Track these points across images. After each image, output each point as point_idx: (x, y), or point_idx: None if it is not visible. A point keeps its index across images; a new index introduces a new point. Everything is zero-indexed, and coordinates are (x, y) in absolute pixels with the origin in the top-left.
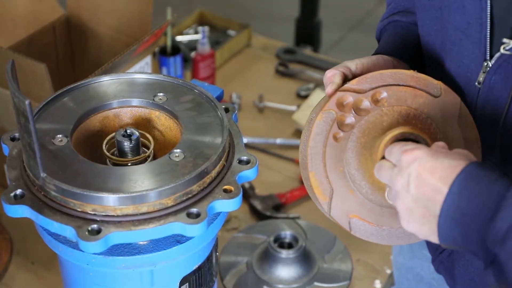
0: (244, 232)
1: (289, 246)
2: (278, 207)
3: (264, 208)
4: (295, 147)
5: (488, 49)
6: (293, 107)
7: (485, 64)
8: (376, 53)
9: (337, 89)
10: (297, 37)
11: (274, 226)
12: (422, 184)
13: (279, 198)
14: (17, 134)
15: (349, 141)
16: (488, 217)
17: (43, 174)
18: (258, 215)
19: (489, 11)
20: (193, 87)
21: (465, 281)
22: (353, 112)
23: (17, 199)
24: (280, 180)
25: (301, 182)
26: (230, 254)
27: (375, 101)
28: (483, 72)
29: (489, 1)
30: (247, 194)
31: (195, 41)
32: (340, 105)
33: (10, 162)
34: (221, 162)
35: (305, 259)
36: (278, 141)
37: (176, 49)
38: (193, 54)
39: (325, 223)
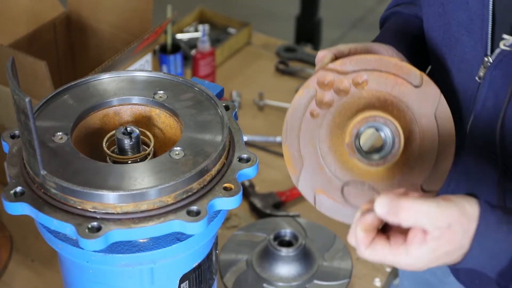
0: (244, 230)
1: (289, 244)
2: (278, 205)
3: (264, 206)
4: None
5: (489, 45)
6: None
7: (486, 59)
8: (374, 41)
9: None
10: (298, 35)
11: (274, 224)
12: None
13: (279, 196)
14: (17, 132)
15: (324, 119)
16: None
17: (43, 172)
18: (258, 213)
19: (491, 7)
20: (193, 85)
21: (467, 269)
22: (333, 92)
23: (17, 197)
24: (280, 178)
25: None
26: (230, 252)
27: (356, 84)
28: (484, 67)
29: None
30: (247, 192)
31: (195, 39)
32: (321, 84)
33: (10, 159)
34: (221, 160)
35: (305, 257)
36: (278, 139)
37: (176, 47)
38: (193, 52)
39: (325, 221)
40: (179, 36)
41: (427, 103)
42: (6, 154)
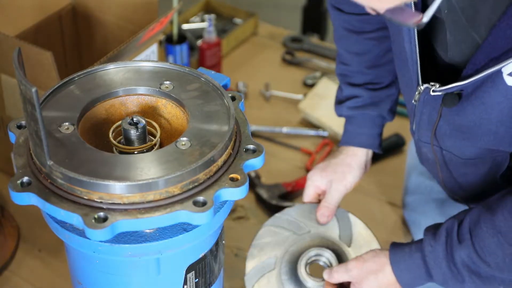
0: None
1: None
2: (284, 196)
3: (270, 197)
4: (302, 136)
5: (420, 79)
6: (300, 96)
7: (418, 88)
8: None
9: None
10: (304, 26)
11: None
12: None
13: (285, 187)
14: (23, 122)
15: None
16: (426, 278)
17: (49, 162)
18: (264, 204)
19: (418, 53)
20: (199, 75)
21: None
22: None
23: (24, 187)
24: (286, 169)
25: (307, 171)
26: (260, 246)
27: None
28: (418, 93)
29: (417, 46)
30: (253, 183)
31: (202, 29)
32: None
33: (17, 149)
34: (227, 150)
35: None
36: (285, 130)
37: (182, 37)
38: (199, 42)
39: None
40: (185, 26)
41: None
42: (12, 145)
